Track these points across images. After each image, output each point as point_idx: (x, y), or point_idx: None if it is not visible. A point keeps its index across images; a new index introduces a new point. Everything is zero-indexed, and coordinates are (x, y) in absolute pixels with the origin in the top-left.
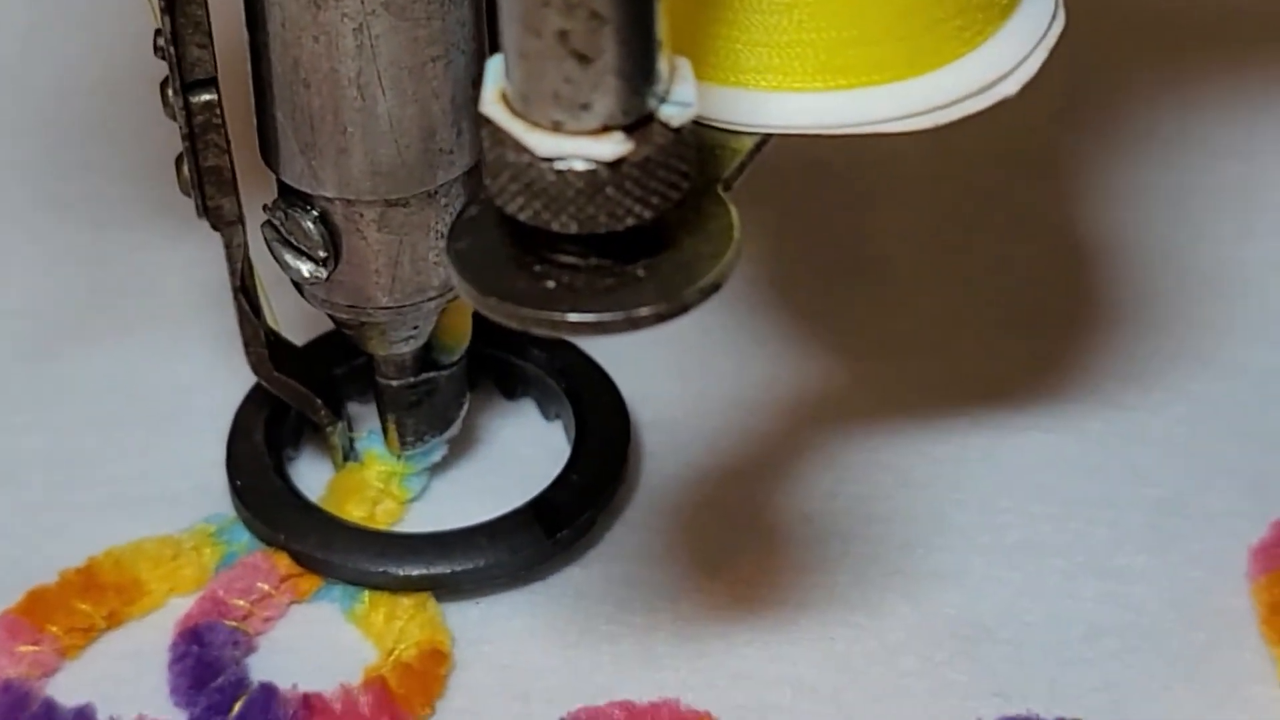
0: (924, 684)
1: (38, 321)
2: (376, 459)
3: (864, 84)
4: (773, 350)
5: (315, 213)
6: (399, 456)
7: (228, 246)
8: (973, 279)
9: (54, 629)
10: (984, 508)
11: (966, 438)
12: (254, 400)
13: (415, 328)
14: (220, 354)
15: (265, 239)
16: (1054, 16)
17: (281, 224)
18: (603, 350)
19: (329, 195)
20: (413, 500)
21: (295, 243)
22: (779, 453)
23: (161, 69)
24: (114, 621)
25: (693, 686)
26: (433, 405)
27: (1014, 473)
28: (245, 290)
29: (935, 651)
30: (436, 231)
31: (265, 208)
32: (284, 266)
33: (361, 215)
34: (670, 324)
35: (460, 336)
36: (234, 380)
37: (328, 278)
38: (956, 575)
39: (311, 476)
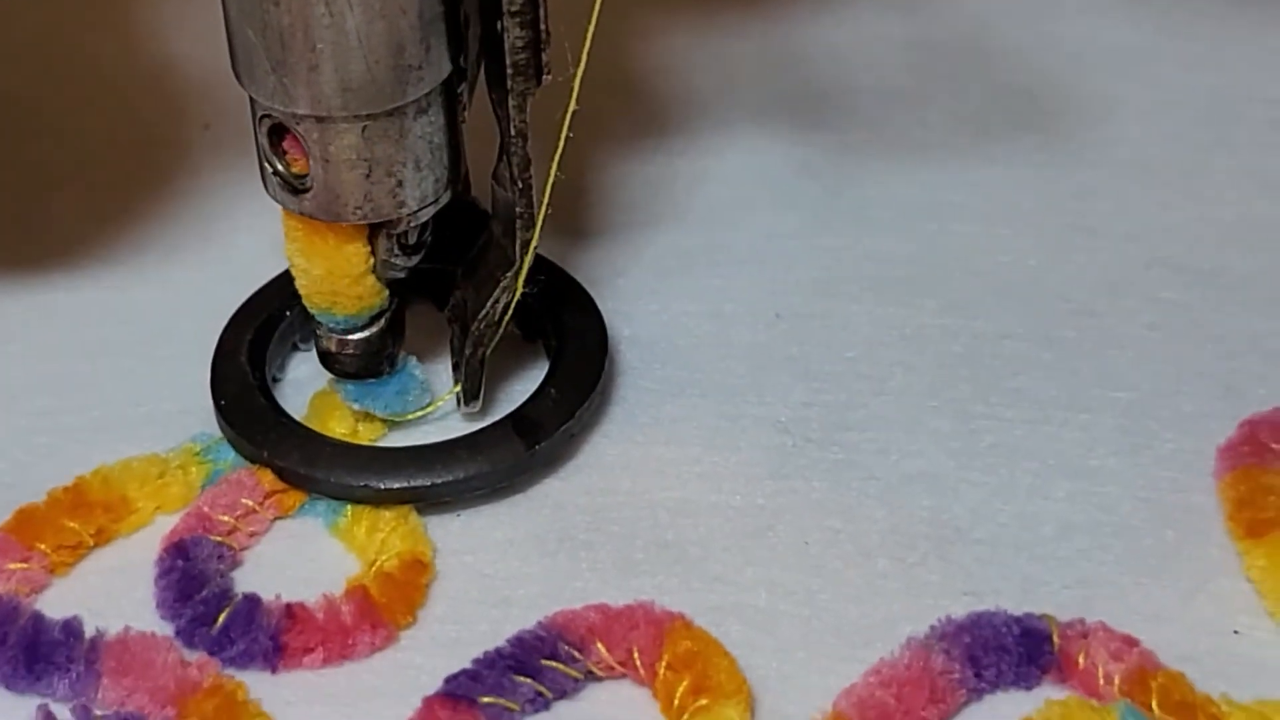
0: (897, 584)
1: (24, 250)
2: None
3: None
4: (748, 268)
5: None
6: None
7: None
8: (952, 189)
9: (43, 546)
10: (958, 414)
11: (942, 346)
12: (238, 322)
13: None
14: (204, 277)
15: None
16: None
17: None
18: (582, 270)
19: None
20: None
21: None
22: (754, 365)
23: None
24: (102, 539)
25: (669, 590)
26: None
27: (988, 379)
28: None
29: (908, 553)
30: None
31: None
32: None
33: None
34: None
35: None
36: (217, 303)
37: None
38: (930, 479)
39: (295, 397)
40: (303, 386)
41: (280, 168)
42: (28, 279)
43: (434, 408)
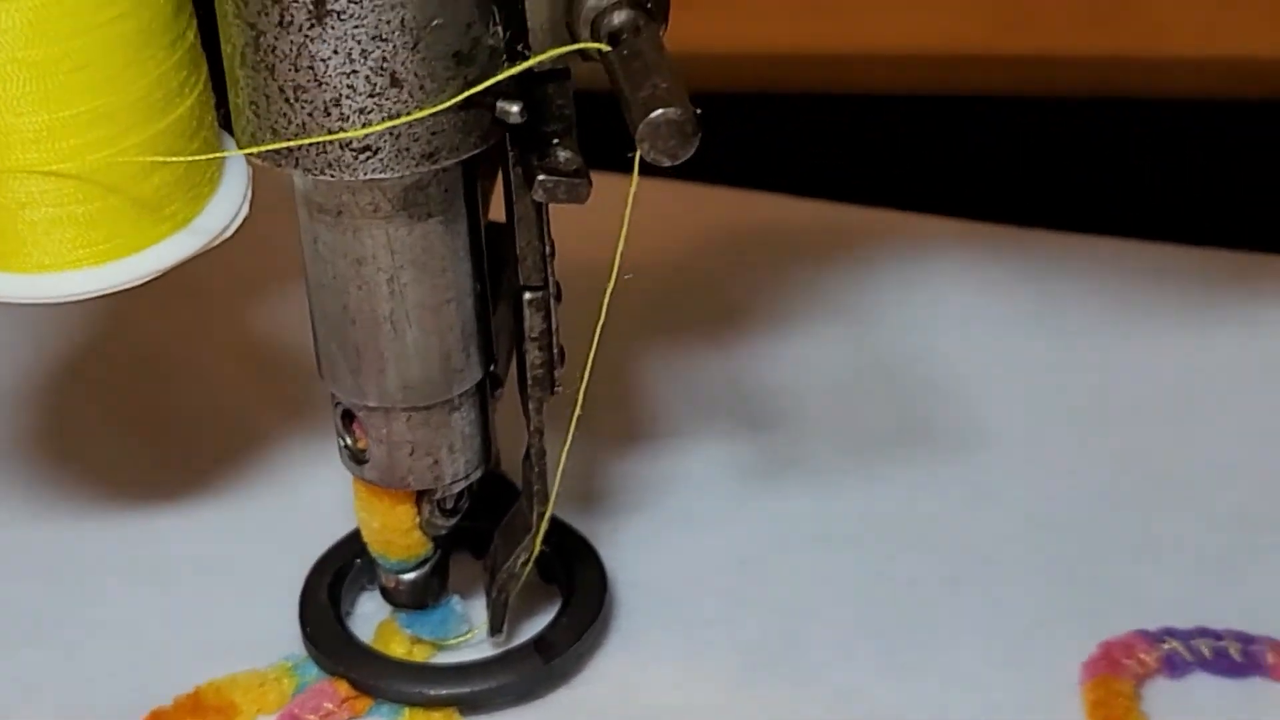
0: None
1: (139, 511)
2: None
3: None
4: (715, 528)
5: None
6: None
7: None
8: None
9: None
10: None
11: (874, 589)
12: (319, 568)
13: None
14: (289, 529)
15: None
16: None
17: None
18: (586, 525)
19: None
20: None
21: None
22: (722, 604)
23: None
24: None
25: None
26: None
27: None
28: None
29: None
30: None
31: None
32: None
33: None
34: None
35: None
36: (301, 550)
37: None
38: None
39: (363, 624)
40: (369, 618)
41: (349, 443)
42: (143, 541)
43: (471, 635)
